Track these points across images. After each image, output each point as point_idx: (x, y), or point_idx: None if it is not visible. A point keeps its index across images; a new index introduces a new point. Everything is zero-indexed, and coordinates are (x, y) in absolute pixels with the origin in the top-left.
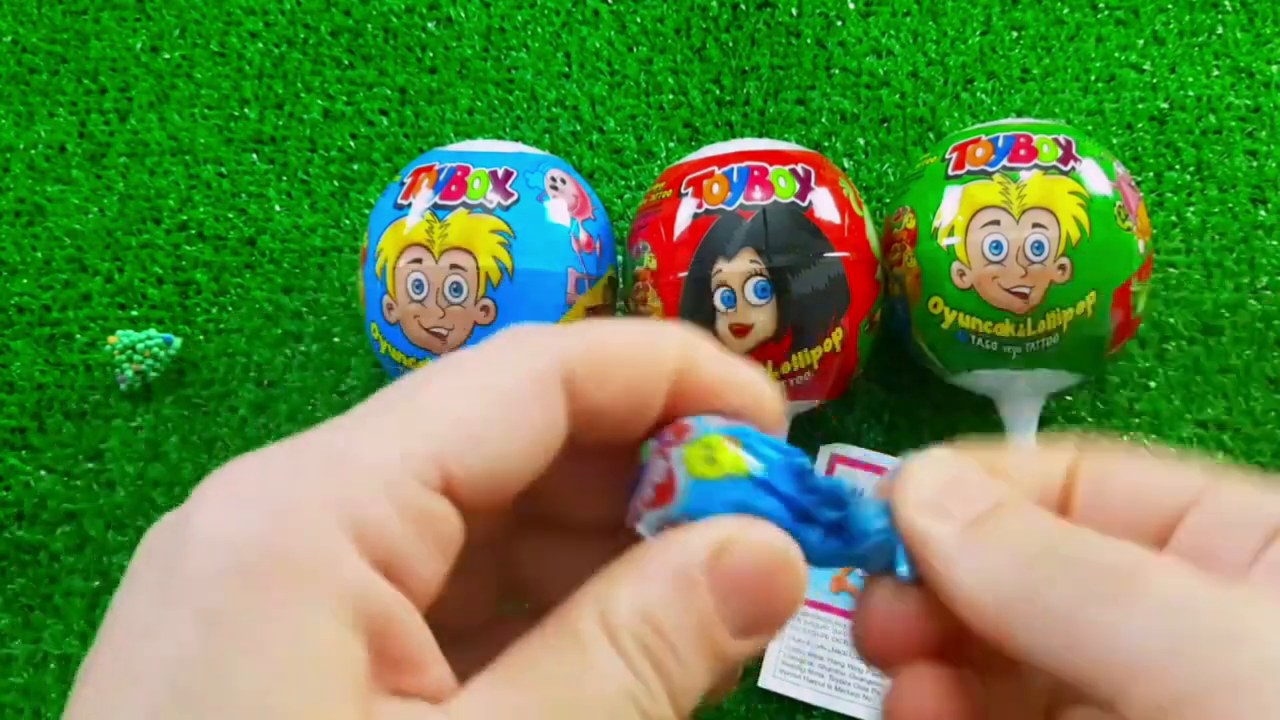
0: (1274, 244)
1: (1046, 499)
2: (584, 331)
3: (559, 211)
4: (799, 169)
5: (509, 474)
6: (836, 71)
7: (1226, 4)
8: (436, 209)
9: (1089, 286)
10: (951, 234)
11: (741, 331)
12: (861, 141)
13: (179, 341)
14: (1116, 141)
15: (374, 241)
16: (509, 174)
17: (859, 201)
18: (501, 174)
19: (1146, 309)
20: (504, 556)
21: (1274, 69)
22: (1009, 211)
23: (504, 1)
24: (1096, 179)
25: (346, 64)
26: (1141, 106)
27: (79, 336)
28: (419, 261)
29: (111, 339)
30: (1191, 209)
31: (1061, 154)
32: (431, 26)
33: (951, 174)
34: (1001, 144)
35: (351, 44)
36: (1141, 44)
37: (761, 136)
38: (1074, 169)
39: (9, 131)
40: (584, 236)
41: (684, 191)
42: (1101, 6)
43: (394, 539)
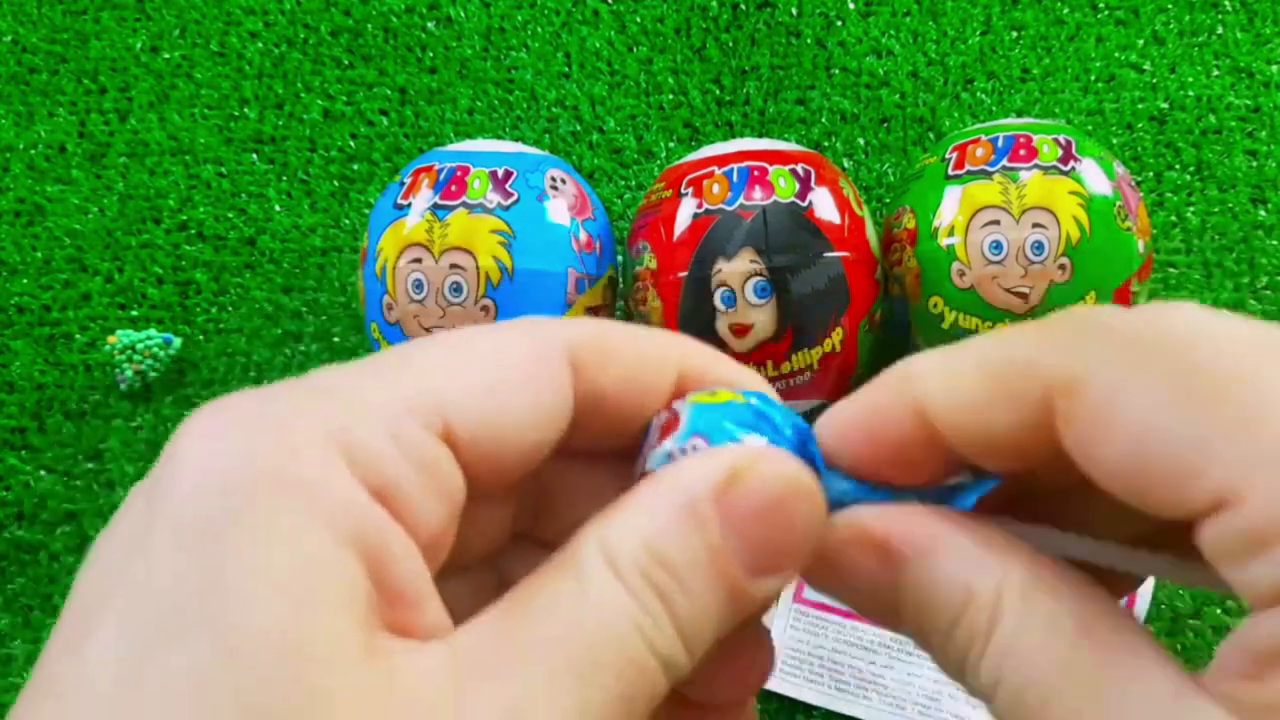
0: (1274, 244)
1: (1022, 447)
2: (590, 321)
3: (559, 211)
4: (799, 169)
5: (511, 437)
6: (836, 71)
7: (1226, 4)
8: (436, 209)
9: (1089, 286)
10: (951, 234)
11: (741, 331)
12: (861, 141)
13: (179, 341)
14: (1116, 141)
15: (374, 241)
16: (509, 174)
17: (859, 201)
18: (501, 174)
19: None
20: (507, 575)
21: (1274, 69)
22: (1009, 211)
23: (504, 1)
24: (1096, 179)
25: (346, 64)
26: (1141, 106)
27: (79, 336)
28: (419, 261)
29: (111, 339)
30: (1191, 209)
31: (1061, 154)
32: (431, 26)
33: (951, 174)
34: (1001, 144)
35: (351, 44)
36: (1141, 44)
37: (761, 136)
38: (1074, 169)
39: (9, 131)
40: (584, 236)
41: (684, 191)
42: (1101, 6)
43: (391, 470)
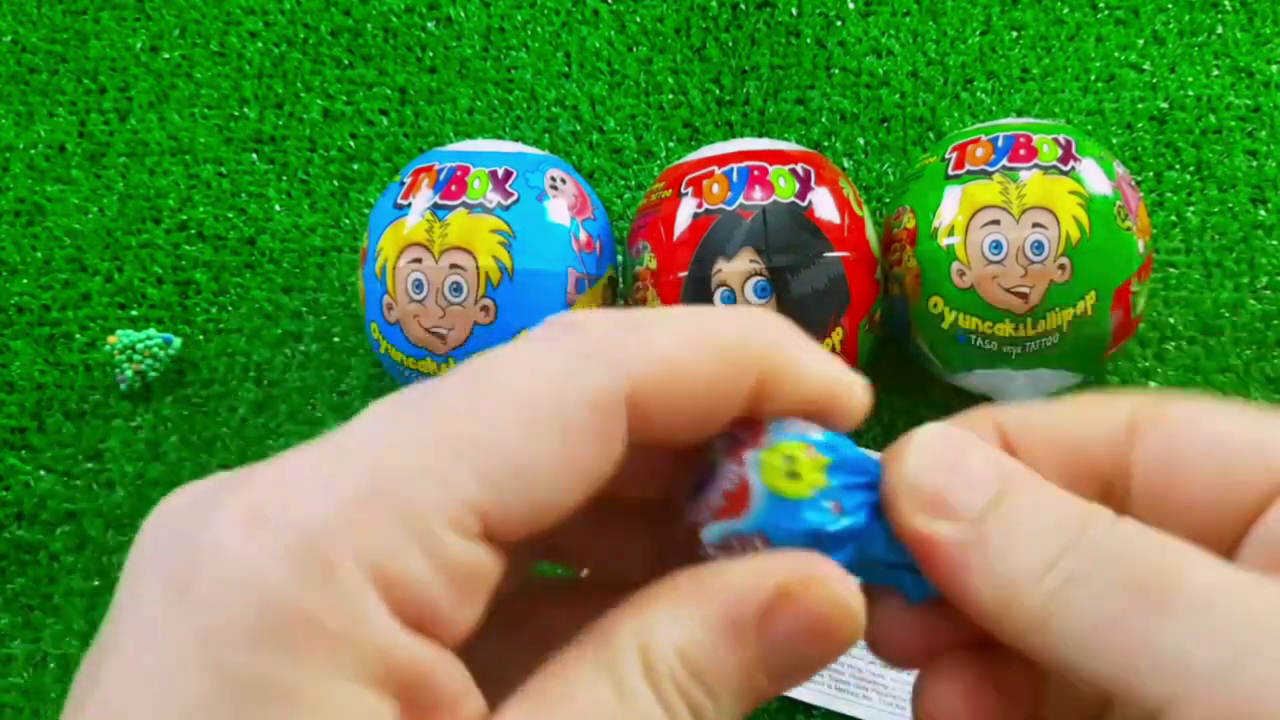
0: (1274, 244)
1: (1095, 472)
2: (656, 338)
3: (559, 211)
4: (799, 169)
5: (555, 509)
6: (836, 71)
7: (1226, 4)
8: (436, 209)
9: (1089, 286)
10: (951, 234)
11: None
12: (861, 141)
13: (179, 341)
14: (1116, 141)
15: (374, 241)
16: (509, 174)
17: (859, 201)
18: (501, 174)
19: (1146, 309)
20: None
21: (1274, 69)
22: (1009, 211)
23: (504, 1)
24: (1096, 179)
25: (346, 64)
26: (1141, 106)
27: (79, 336)
28: (419, 261)
29: (111, 339)
30: (1191, 209)
31: (1061, 154)
32: (431, 26)
33: (951, 174)
34: (1001, 144)
35: (351, 44)
36: (1141, 44)
37: (761, 136)
38: (1074, 169)
39: (9, 131)
40: (584, 236)
41: (684, 191)
42: (1101, 6)
43: (427, 594)
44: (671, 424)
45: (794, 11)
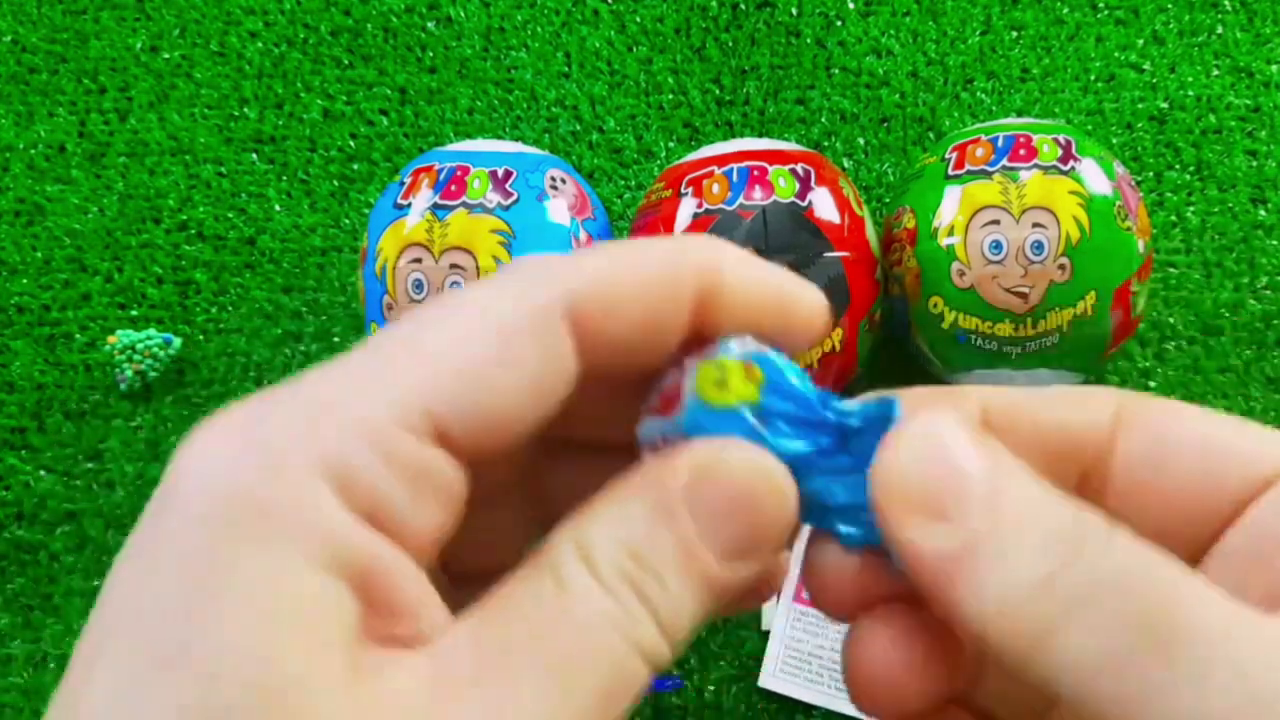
0: (1274, 244)
1: (1075, 458)
2: (592, 258)
3: (559, 211)
4: (799, 169)
5: (509, 415)
6: (836, 71)
7: (1226, 4)
8: (436, 209)
9: (1089, 286)
10: (951, 234)
11: None
12: (861, 141)
13: (179, 341)
14: (1116, 141)
15: (374, 241)
16: (509, 174)
17: (859, 201)
18: (501, 174)
19: (1146, 309)
20: (536, 490)
21: (1274, 69)
22: (1009, 211)
23: (504, 1)
24: (1096, 179)
25: (346, 64)
26: (1141, 106)
27: (79, 336)
28: (419, 261)
29: (111, 339)
30: (1191, 209)
31: (1061, 154)
32: (431, 26)
33: (951, 174)
34: (1001, 144)
35: (351, 44)
36: (1141, 44)
37: (761, 136)
38: (1074, 169)
39: (9, 131)
40: (584, 236)
41: (684, 191)
42: (1101, 6)
43: (379, 490)
44: (617, 341)
45: (794, 11)
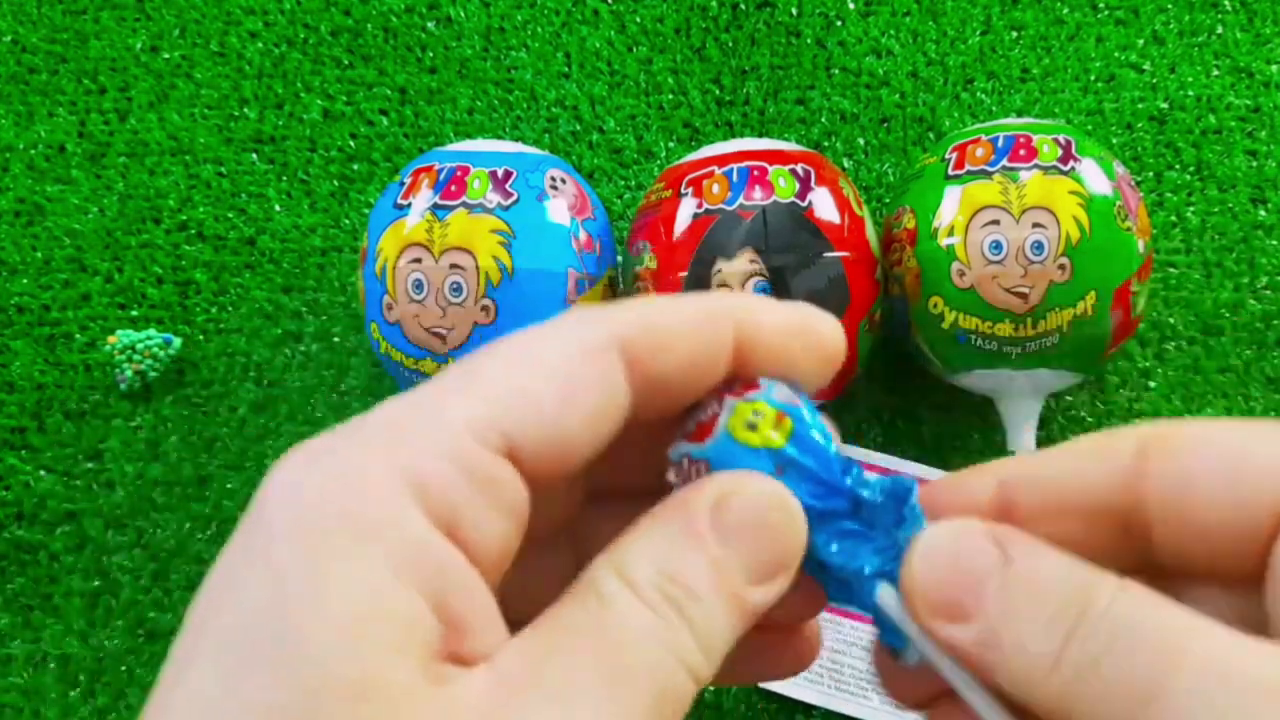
0: (1274, 244)
1: (1107, 511)
2: (641, 304)
3: (559, 211)
4: (799, 169)
5: (571, 441)
6: (836, 71)
7: (1226, 4)
8: (436, 209)
9: (1089, 286)
10: (951, 234)
11: None
12: (861, 141)
13: (179, 341)
14: (1116, 141)
15: (374, 241)
16: (509, 174)
17: (859, 201)
18: (501, 174)
19: (1146, 309)
20: (583, 539)
21: (1274, 69)
22: (1009, 211)
23: (504, 1)
24: (1096, 179)
25: (346, 64)
26: (1141, 106)
27: (79, 336)
28: (419, 261)
29: (111, 339)
30: (1191, 209)
31: (1061, 154)
32: (431, 26)
33: (951, 174)
34: (1001, 144)
35: (351, 44)
36: (1141, 44)
37: (761, 136)
38: (1074, 169)
39: (9, 131)
40: (584, 236)
41: (684, 191)
42: (1101, 6)
43: (455, 497)
44: (665, 376)
45: (794, 11)
